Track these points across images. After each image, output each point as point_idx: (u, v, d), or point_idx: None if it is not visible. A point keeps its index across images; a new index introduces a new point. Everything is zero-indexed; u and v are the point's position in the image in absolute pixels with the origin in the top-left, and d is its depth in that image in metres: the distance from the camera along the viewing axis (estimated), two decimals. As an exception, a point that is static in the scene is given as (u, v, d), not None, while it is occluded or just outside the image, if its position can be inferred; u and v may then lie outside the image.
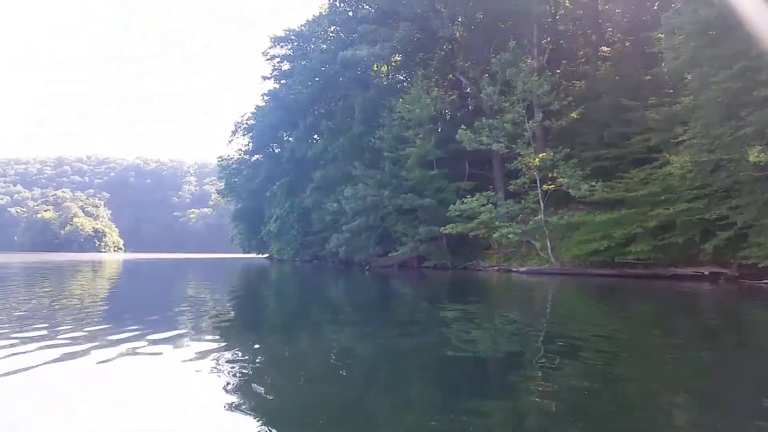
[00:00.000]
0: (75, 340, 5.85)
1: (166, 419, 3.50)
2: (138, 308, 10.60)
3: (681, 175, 19.85)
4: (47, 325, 7.06)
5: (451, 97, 33.84)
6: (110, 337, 6.11)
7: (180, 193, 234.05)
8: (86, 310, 9.10)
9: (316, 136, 46.61)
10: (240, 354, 5.57)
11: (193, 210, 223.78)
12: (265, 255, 63.74)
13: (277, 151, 56.13)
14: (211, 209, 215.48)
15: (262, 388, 4.14)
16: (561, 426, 3.43)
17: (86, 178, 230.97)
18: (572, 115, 27.44)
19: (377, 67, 43.86)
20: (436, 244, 31.81)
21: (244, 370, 4.76)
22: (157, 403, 3.84)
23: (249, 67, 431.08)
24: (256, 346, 6.06)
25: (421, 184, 31.31)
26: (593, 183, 23.93)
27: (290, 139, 50.76)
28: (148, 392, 4.12)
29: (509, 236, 26.25)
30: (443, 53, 38.10)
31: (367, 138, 36.60)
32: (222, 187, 68.38)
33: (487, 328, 7.97)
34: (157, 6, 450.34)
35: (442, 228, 28.57)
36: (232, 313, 9.90)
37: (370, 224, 33.77)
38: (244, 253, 74.95)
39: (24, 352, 5.17)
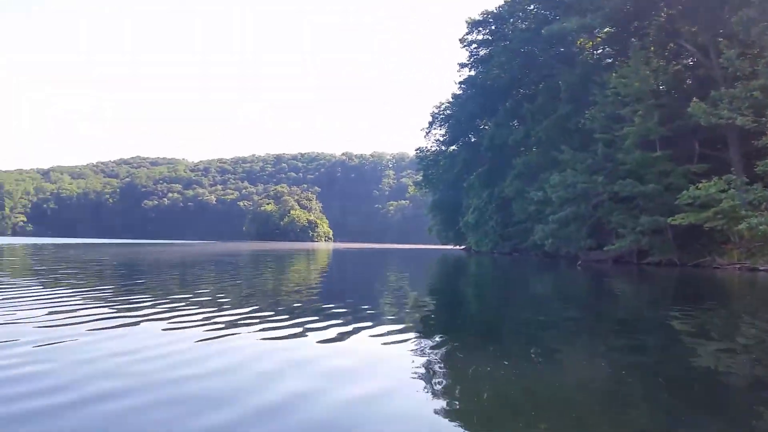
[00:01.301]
0: (292, 322, 6.32)
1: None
2: (347, 295, 10.87)
3: None
4: (267, 306, 7.87)
5: (676, 67, 28.99)
6: (319, 323, 6.33)
7: (380, 186, 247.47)
8: (301, 294, 9.82)
9: (515, 122, 44.23)
10: (437, 350, 5.15)
11: (391, 202, 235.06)
12: (462, 246, 63.12)
13: (473, 140, 54.75)
14: (408, 201, 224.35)
15: (454, 387, 3.93)
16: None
17: (300, 174, 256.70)
18: None
19: (581, 42, 40.03)
20: (660, 236, 27.68)
21: (439, 368, 4.44)
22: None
23: (445, 56, 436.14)
24: (456, 344, 5.54)
25: (642, 168, 27.66)
26: None
27: (488, 126, 48.97)
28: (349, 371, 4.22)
29: (761, 228, 21.39)
30: (663, 19, 33.01)
31: (575, 119, 33.34)
32: (419, 178, 69.28)
33: (730, 343, 6.18)
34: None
35: (669, 218, 25.07)
36: (434, 306, 9.39)
37: (580, 214, 30.60)
38: (442, 244, 75.42)
39: (247, 329, 5.79)
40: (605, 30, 36.40)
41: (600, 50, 40.05)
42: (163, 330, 5.54)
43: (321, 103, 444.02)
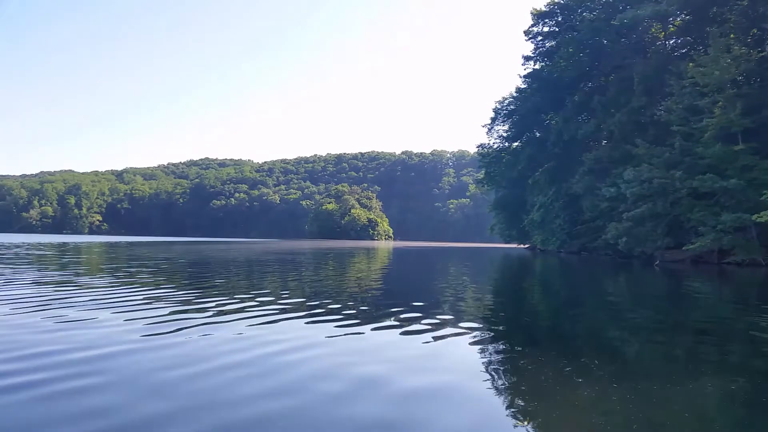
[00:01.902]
0: (351, 318, 6.39)
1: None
2: (407, 292, 10.68)
3: None
4: (329, 302, 7.85)
5: (760, 54, 27.10)
6: (377, 321, 6.28)
7: (440, 184, 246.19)
8: (365, 291, 9.82)
9: (585, 116, 42.61)
10: (501, 352, 4.96)
11: (452, 200, 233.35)
12: (526, 245, 61.63)
13: (539, 135, 53.11)
14: (468, 199, 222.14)
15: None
16: None
17: (361, 173, 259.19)
18: None
19: (654, 31, 38.13)
20: (743, 235, 25.99)
21: (504, 369, 4.29)
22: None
23: (507, 50, 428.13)
24: (518, 347, 5.21)
25: (723, 163, 26.04)
26: None
27: (554, 121, 47.33)
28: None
29: None
30: (745, 3, 30.93)
31: (650, 111, 31.80)
32: (481, 176, 68.08)
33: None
34: None
35: (754, 215, 23.56)
36: (499, 306, 8.98)
37: (656, 211, 29.01)
38: (504, 242, 73.92)
39: (314, 323, 6.00)
40: (681, 17, 34.51)
41: (674, 39, 38.02)
42: (238, 325, 5.66)
43: (381, 103, 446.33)
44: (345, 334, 5.35)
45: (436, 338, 5.29)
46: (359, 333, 5.44)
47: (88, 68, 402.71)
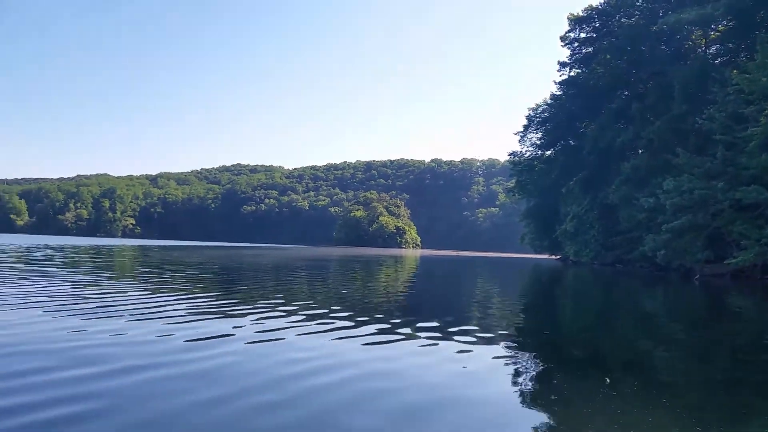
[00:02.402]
0: (380, 333, 6.09)
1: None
2: (433, 304, 10.54)
3: None
4: (357, 315, 7.60)
5: (811, 60, 26.01)
6: (408, 338, 6.05)
7: (469, 193, 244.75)
8: (391, 302, 9.58)
9: (622, 124, 41.53)
10: (532, 370, 4.72)
11: (481, 209, 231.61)
12: (557, 256, 60.45)
13: (573, 143, 52.10)
14: (498, 209, 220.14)
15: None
16: None
17: (390, 180, 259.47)
18: None
19: (695, 37, 37.11)
20: (790, 249, 24.67)
21: (535, 388, 4.10)
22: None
23: (539, 58, 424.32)
24: (550, 365, 5.00)
25: (768, 173, 24.71)
26: None
27: (590, 129, 46.27)
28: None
29: None
30: (795, 6, 29.86)
31: (691, 119, 30.79)
32: (512, 185, 67.22)
33: None
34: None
35: None
36: (527, 320, 8.74)
37: (697, 223, 27.99)
38: (535, 253, 72.82)
39: (338, 331, 5.98)
40: (725, 22, 33.45)
41: (717, 46, 36.91)
42: (264, 340, 5.35)
43: (411, 110, 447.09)
44: (374, 354, 5.03)
45: (467, 358, 4.99)
46: (389, 351, 5.12)
47: (125, 74, 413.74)
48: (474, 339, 5.98)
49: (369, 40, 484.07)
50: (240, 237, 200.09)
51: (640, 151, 37.57)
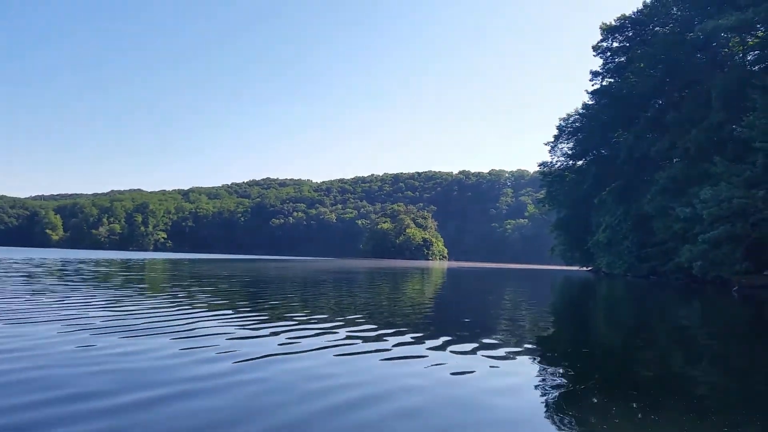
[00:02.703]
0: (409, 339, 6.30)
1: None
2: (462, 317, 10.19)
3: None
4: (380, 325, 7.65)
5: None
6: (431, 341, 6.29)
7: (497, 204, 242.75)
8: (419, 315, 9.52)
9: (657, 134, 40.79)
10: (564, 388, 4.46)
11: (509, 221, 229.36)
12: (588, 268, 59.37)
13: (605, 153, 51.35)
14: (526, 220, 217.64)
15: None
16: None
17: (417, 193, 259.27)
18: None
19: (732, 44, 36.44)
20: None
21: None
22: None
23: (567, 68, 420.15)
24: (583, 381, 4.75)
25: (813, 182, 23.98)
26: None
27: (622, 138, 45.58)
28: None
29: None
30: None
31: (729, 127, 30.01)
32: (542, 195, 66.49)
33: None
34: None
35: None
36: (559, 335, 8.39)
37: (735, 233, 27.26)
38: (566, 264, 71.64)
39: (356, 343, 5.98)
40: (764, 28, 32.70)
41: (756, 52, 36.07)
42: (294, 360, 5.08)
43: (439, 122, 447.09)
44: (405, 370, 4.83)
45: (498, 373, 4.84)
46: (422, 375, 4.69)
47: (157, 91, 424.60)
48: (505, 353, 5.81)
49: (396, 52, 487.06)
50: (268, 250, 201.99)
51: (675, 161, 36.85)
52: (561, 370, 5.12)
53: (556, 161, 58.94)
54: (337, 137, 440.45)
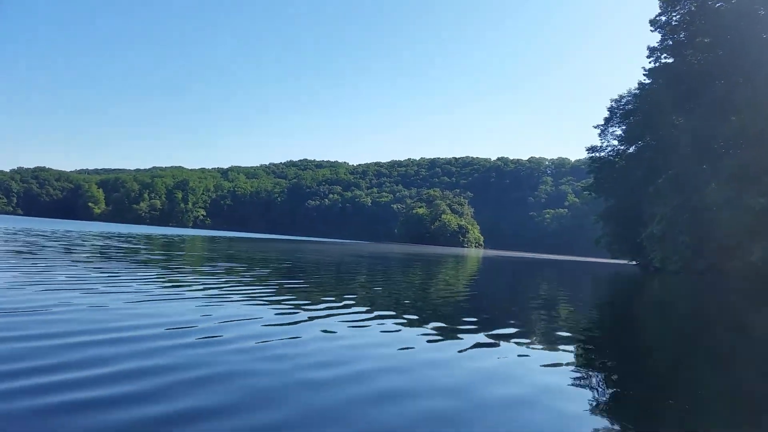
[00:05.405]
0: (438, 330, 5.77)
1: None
2: (494, 307, 9.49)
3: None
4: (411, 312, 7.20)
5: None
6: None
7: (536, 192, 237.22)
8: (447, 304, 9.00)
9: (722, 116, 36.98)
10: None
11: (548, 210, 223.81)
12: (636, 262, 55.71)
13: (663, 137, 47.30)
14: (566, 209, 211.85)
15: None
16: None
17: (453, 178, 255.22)
18: None
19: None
20: None
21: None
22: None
23: (613, 52, 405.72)
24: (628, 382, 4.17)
25: None
26: None
27: (683, 122, 41.67)
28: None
29: None
30: None
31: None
32: (588, 183, 62.84)
33: None
34: None
35: None
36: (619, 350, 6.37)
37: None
38: (612, 257, 67.93)
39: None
40: None
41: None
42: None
43: (478, 107, 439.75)
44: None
45: (546, 371, 4.28)
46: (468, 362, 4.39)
47: (201, 70, 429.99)
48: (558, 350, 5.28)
49: (434, 35, 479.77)
50: (303, 230, 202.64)
51: (744, 146, 33.19)
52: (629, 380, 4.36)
53: (606, 146, 55.21)
54: (374, 121, 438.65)
